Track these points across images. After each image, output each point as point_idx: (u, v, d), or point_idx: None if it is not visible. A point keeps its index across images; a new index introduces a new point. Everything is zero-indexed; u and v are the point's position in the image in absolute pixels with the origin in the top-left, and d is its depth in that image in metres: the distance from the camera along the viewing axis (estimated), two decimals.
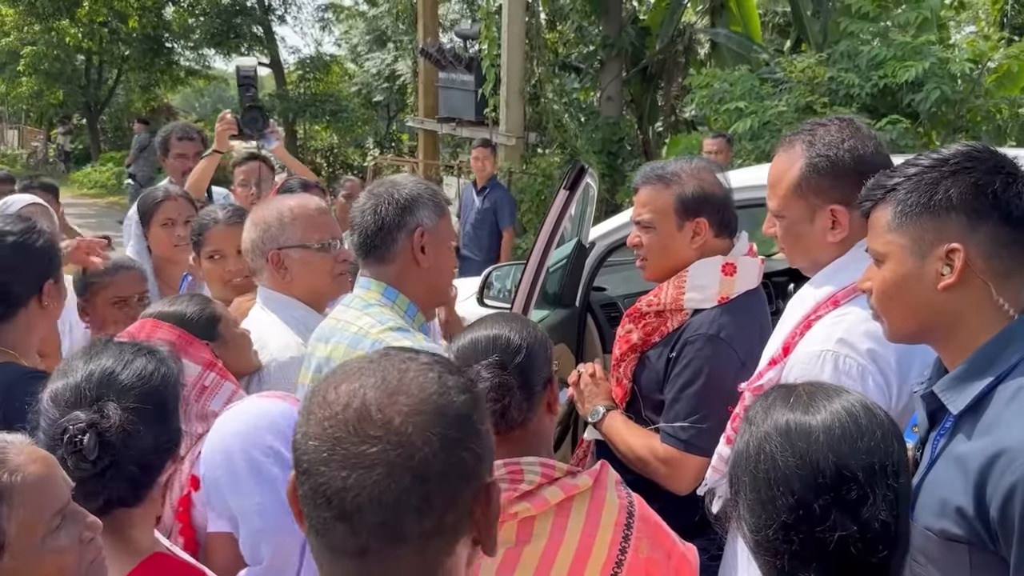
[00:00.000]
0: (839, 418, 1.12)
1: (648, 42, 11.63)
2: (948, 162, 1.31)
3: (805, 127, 1.81)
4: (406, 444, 0.84)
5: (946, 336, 1.35)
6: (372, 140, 21.71)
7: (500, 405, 1.46)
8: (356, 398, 0.86)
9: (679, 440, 2.02)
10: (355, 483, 0.83)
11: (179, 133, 4.18)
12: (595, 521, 1.46)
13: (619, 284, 3.87)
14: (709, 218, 2.09)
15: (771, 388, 1.26)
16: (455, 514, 0.87)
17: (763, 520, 1.12)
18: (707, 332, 2.03)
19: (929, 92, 6.83)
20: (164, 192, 3.28)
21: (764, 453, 1.13)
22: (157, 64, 21.14)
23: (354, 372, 0.90)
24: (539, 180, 9.69)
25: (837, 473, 1.08)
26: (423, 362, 0.91)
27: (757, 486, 1.13)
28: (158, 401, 1.42)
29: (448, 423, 0.86)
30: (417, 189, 1.94)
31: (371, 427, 0.84)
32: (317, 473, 0.85)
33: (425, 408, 0.86)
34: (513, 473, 1.46)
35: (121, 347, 1.48)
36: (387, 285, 1.91)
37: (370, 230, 1.90)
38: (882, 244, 1.37)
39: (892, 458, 1.11)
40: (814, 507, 1.08)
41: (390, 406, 0.85)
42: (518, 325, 1.57)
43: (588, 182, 2.95)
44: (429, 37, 12.39)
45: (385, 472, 0.83)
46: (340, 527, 0.84)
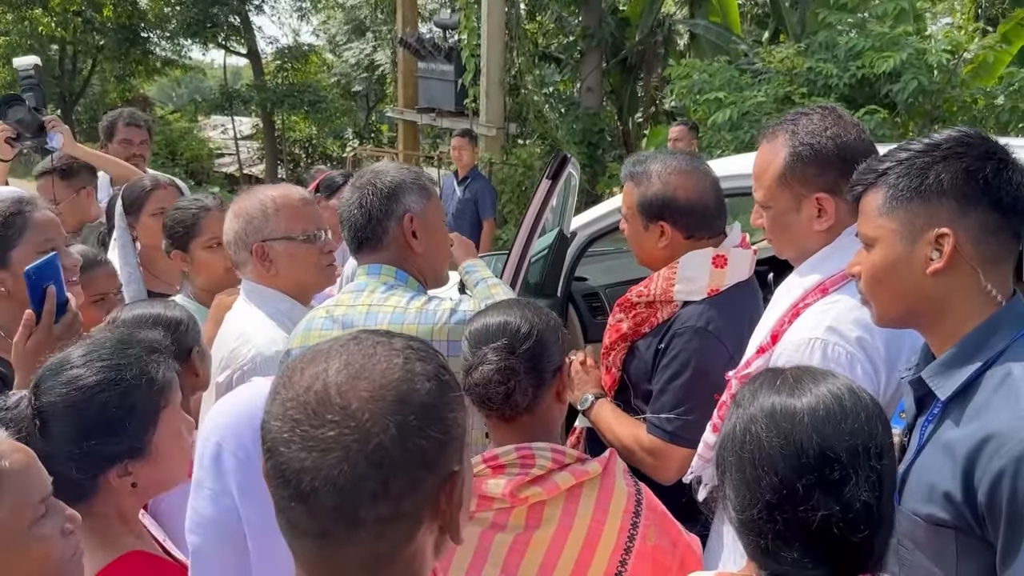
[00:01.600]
0: (824, 400, 1.13)
1: (628, 33, 11.64)
2: (940, 147, 1.31)
3: (788, 117, 1.81)
4: (362, 429, 0.84)
5: (934, 321, 1.35)
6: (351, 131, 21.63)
7: (505, 388, 1.47)
8: (318, 381, 0.87)
9: (664, 431, 2.01)
10: (312, 465, 0.84)
11: (127, 119, 4.09)
12: (604, 508, 1.47)
13: (600, 274, 3.86)
14: (672, 222, 2.08)
15: (759, 372, 1.26)
16: (414, 501, 0.87)
17: (748, 500, 1.12)
18: (695, 324, 2.02)
19: (906, 83, 6.87)
20: (152, 180, 3.20)
21: (750, 434, 1.14)
22: (133, 54, 20.83)
23: (322, 354, 0.90)
24: (519, 171, 9.68)
25: (820, 454, 1.09)
26: (393, 347, 0.91)
27: (742, 466, 1.14)
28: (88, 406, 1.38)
29: (408, 410, 0.86)
30: (400, 175, 1.93)
31: (329, 411, 0.85)
32: (278, 453, 0.86)
33: (385, 394, 0.86)
34: (524, 458, 1.47)
35: (94, 346, 1.46)
36: (396, 268, 1.93)
37: (359, 223, 1.90)
38: (872, 228, 1.37)
39: (875, 440, 1.11)
40: (797, 487, 1.09)
41: (350, 391, 0.86)
42: (530, 312, 1.58)
43: (570, 172, 2.94)
44: (408, 27, 12.33)
45: (341, 456, 0.83)
46: (299, 508, 0.86)
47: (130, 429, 1.40)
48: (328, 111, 19.11)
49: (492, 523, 1.47)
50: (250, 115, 21.93)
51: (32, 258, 1.88)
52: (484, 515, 1.47)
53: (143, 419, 1.42)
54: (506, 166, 9.85)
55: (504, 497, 1.45)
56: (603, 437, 2.14)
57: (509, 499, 1.45)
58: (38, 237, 1.97)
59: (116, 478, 1.40)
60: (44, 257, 1.81)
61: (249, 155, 21.13)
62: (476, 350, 1.53)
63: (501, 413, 1.51)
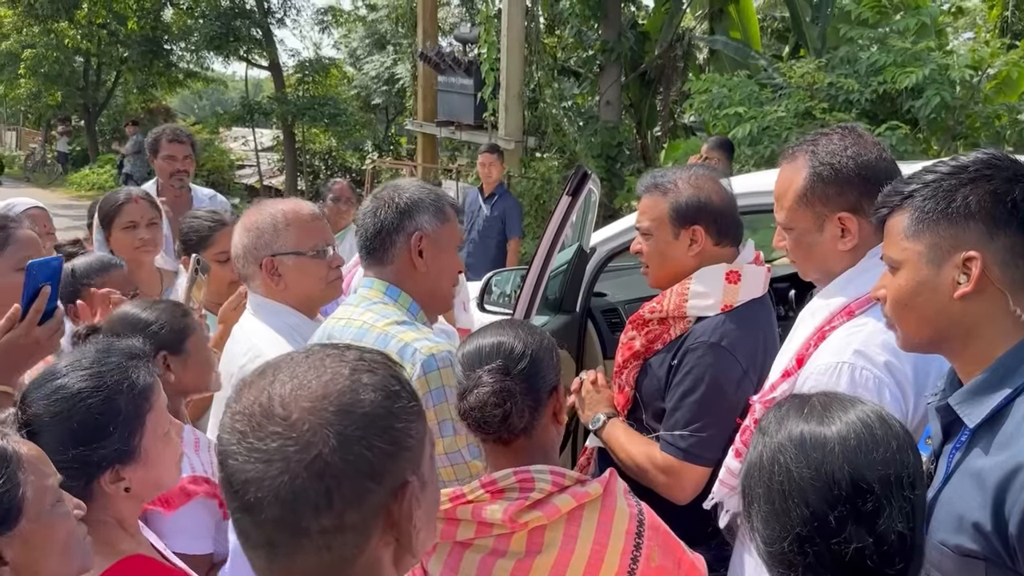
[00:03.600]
0: (854, 429, 1.10)
1: (647, 47, 11.64)
2: (967, 169, 1.29)
3: (807, 138, 1.80)
4: (303, 441, 0.85)
5: (961, 346, 1.32)
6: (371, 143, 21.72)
7: (501, 411, 1.44)
8: (263, 394, 0.88)
9: (678, 449, 1.99)
10: (255, 476, 0.85)
11: (170, 135, 4.19)
12: (606, 530, 1.44)
13: (620, 290, 3.85)
14: (705, 226, 2.07)
15: (784, 399, 1.24)
16: (360, 512, 0.87)
17: (777, 532, 1.10)
18: (709, 340, 2.00)
19: (929, 98, 6.82)
20: (126, 195, 3.21)
21: (778, 464, 1.11)
22: (156, 66, 21.10)
23: (272, 368, 0.92)
24: (538, 184, 9.68)
25: (852, 485, 1.07)
26: (344, 359, 0.92)
27: (771, 498, 1.11)
28: (72, 414, 1.42)
29: (350, 421, 0.87)
30: (419, 194, 1.95)
31: (272, 422, 0.86)
32: (226, 465, 0.88)
33: (327, 405, 0.87)
34: (523, 481, 1.44)
35: (77, 356, 1.50)
36: (389, 284, 1.94)
37: (369, 232, 1.94)
38: (898, 251, 1.35)
39: (908, 469, 1.09)
40: (829, 519, 1.06)
41: (292, 402, 0.87)
42: (524, 332, 1.55)
43: (590, 188, 2.93)
44: (428, 41, 12.39)
45: (282, 467, 0.84)
46: (246, 519, 0.88)
47: (116, 433, 1.44)
48: (348, 123, 19.20)
49: (492, 549, 1.44)
50: (271, 127, 22.11)
51: (9, 273, 1.93)
52: (484, 541, 1.44)
53: (128, 423, 1.46)
54: (524, 179, 9.86)
55: (504, 523, 1.42)
56: (615, 457, 2.12)
57: (509, 524, 1.42)
58: (19, 253, 1.99)
59: (109, 483, 1.44)
60: (52, 256, 1.82)
61: (269, 167, 21.27)
62: (470, 373, 1.50)
63: (498, 436, 1.49)
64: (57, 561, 1.25)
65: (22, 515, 1.19)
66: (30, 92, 21.71)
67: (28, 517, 1.20)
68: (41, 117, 25.00)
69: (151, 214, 3.13)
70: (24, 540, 1.20)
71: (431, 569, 1.48)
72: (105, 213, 3.14)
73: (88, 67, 22.10)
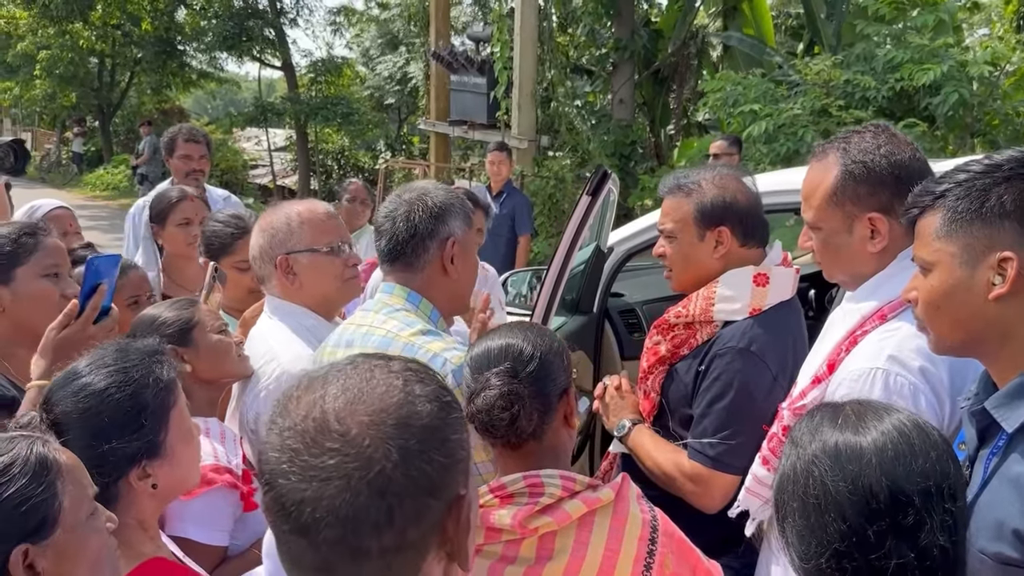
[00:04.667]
0: (891, 438, 1.07)
1: (660, 45, 11.60)
2: (1001, 168, 1.26)
3: (839, 136, 1.76)
4: (364, 456, 0.81)
5: (996, 349, 1.29)
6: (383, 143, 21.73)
7: (509, 414, 1.42)
8: (315, 408, 0.84)
9: (707, 457, 1.95)
10: (312, 496, 0.80)
11: (186, 135, 4.20)
12: (618, 536, 1.41)
13: (638, 290, 3.82)
14: (731, 227, 2.03)
15: (816, 407, 1.20)
16: (419, 529, 0.84)
17: (813, 547, 1.06)
18: (737, 345, 1.96)
19: (947, 95, 6.76)
20: (180, 192, 3.37)
21: (812, 477, 1.08)
22: (169, 66, 21.20)
23: (319, 380, 0.88)
24: (551, 183, 9.65)
25: (891, 497, 1.03)
26: (392, 370, 0.88)
27: (806, 512, 1.08)
28: (102, 410, 1.44)
29: (410, 434, 0.83)
30: (449, 198, 1.90)
31: (328, 439, 0.82)
32: (277, 485, 0.83)
33: (385, 419, 0.83)
34: (533, 486, 1.42)
35: (97, 356, 1.51)
36: (411, 290, 1.89)
37: (401, 237, 1.86)
38: (930, 252, 1.32)
39: (949, 480, 1.06)
40: (868, 534, 1.03)
41: (349, 416, 0.83)
42: (532, 334, 1.53)
43: (610, 187, 2.91)
44: (441, 40, 12.37)
45: (342, 485, 0.80)
46: (300, 541, 0.82)
47: (145, 426, 1.45)
48: (360, 123, 19.22)
49: (501, 556, 1.41)
50: (284, 127, 22.15)
51: (35, 280, 1.96)
52: (493, 548, 1.41)
53: (155, 416, 1.47)
54: (537, 178, 9.83)
55: (513, 528, 1.39)
56: (641, 464, 2.08)
57: (518, 530, 1.39)
58: (46, 260, 2.01)
59: (136, 480, 1.45)
60: (112, 254, 1.86)
61: (282, 166, 21.32)
62: (478, 375, 1.48)
63: (507, 440, 1.46)
64: (87, 574, 1.24)
65: (58, 525, 1.19)
66: (45, 93, 21.82)
67: (64, 527, 1.19)
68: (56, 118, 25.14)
69: (204, 212, 3.31)
70: (57, 551, 1.19)
71: None
72: (160, 210, 3.28)
73: (102, 68, 22.21)
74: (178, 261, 3.26)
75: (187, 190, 3.44)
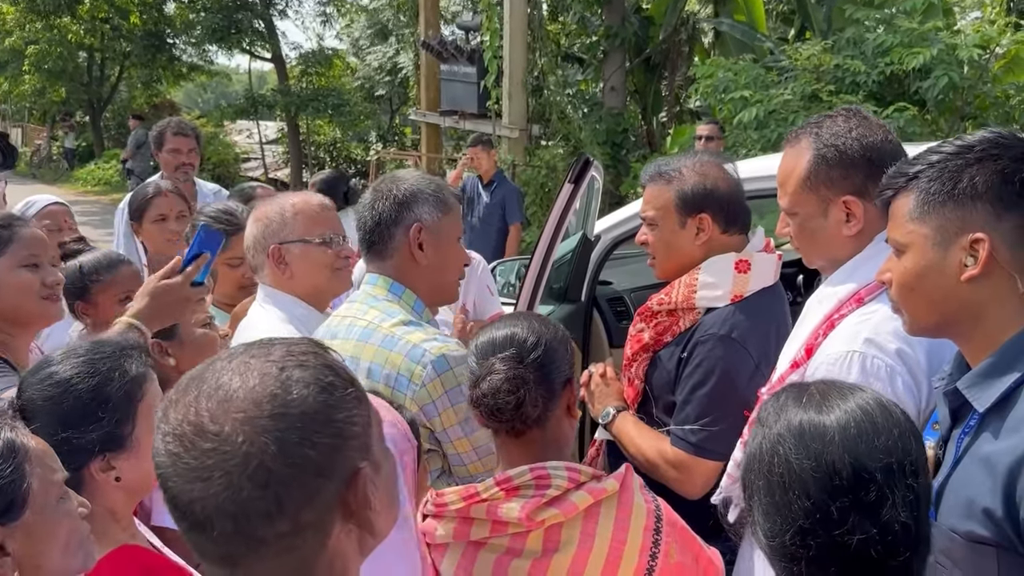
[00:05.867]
0: (854, 416, 1.08)
1: (651, 32, 11.53)
2: (973, 149, 1.26)
3: (811, 120, 1.77)
4: (240, 453, 0.83)
5: (969, 330, 1.30)
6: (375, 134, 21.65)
7: (515, 397, 1.43)
8: (191, 411, 0.86)
9: (689, 443, 1.96)
10: (199, 495, 0.83)
11: (174, 128, 4.18)
12: (624, 527, 1.42)
13: (625, 278, 3.82)
14: (712, 213, 2.03)
15: (782, 388, 1.21)
16: (315, 510, 0.86)
17: (779, 525, 1.07)
18: (719, 332, 1.97)
19: (937, 79, 6.74)
20: (155, 188, 3.31)
21: (777, 456, 1.09)
22: (159, 60, 21.10)
23: (195, 381, 0.89)
24: (543, 172, 9.63)
25: (854, 474, 1.04)
26: (270, 358, 0.89)
27: (771, 490, 1.09)
28: (64, 399, 1.45)
29: (287, 423, 0.84)
30: (418, 185, 1.94)
31: (205, 440, 0.84)
32: (168, 488, 0.86)
33: (259, 412, 0.84)
34: (540, 478, 1.42)
35: (72, 348, 1.54)
36: (393, 280, 1.92)
37: (368, 225, 1.93)
38: (903, 234, 1.33)
39: (911, 457, 1.07)
40: (831, 510, 1.04)
41: (223, 415, 0.84)
42: (537, 323, 1.55)
43: (593, 175, 2.90)
44: (430, 29, 12.33)
45: (225, 482, 0.83)
46: (199, 537, 0.86)
47: (105, 419, 1.45)
48: (352, 115, 19.17)
49: (507, 549, 1.42)
50: (275, 119, 22.09)
51: (12, 271, 2.01)
52: (499, 541, 1.42)
53: (118, 409, 1.47)
54: (529, 168, 9.81)
55: (520, 521, 1.40)
56: (625, 451, 2.10)
57: (526, 523, 1.40)
58: (23, 251, 2.04)
59: (98, 472, 1.45)
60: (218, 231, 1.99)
61: (274, 159, 21.26)
62: (483, 361, 1.49)
63: (511, 426, 1.47)
64: (59, 557, 1.25)
65: (26, 507, 1.20)
66: (34, 88, 21.72)
67: (33, 510, 1.21)
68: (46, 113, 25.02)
69: (180, 207, 3.25)
70: (27, 533, 1.20)
71: (444, 569, 1.46)
72: (136, 207, 3.24)
73: (92, 62, 22.10)
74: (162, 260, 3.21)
75: (162, 185, 3.38)
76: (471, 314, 3.44)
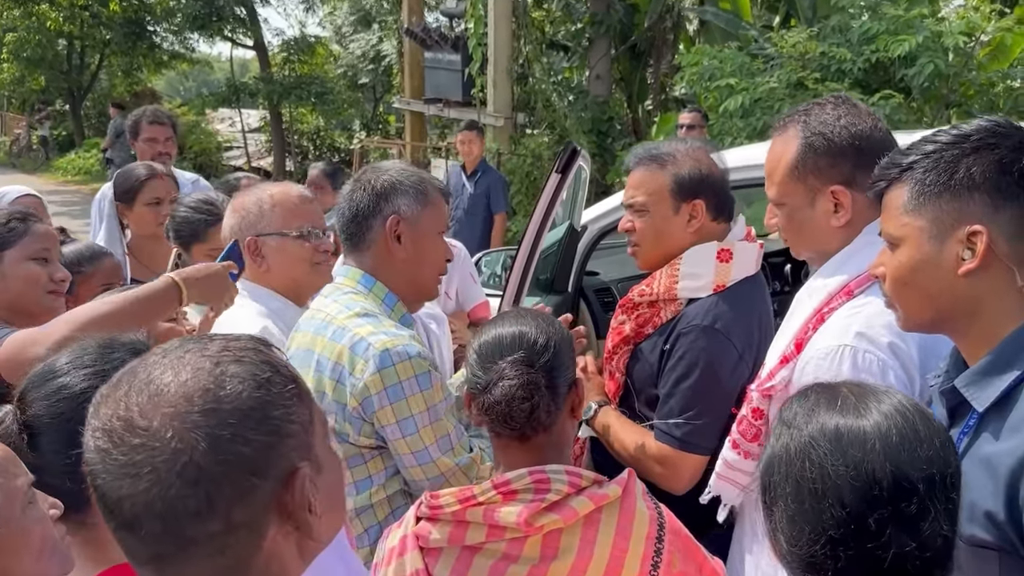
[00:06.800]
0: (895, 423, 1.02)
1: (637, 19, 11.48)
2: (970, 138, 1.23)
3: (799, 108, 1.73)
4: (169, 449, 0.81)
5: (966, 325, 1.27)
6: (359, 122, 21.50)
7: (529, 404, 1.38)
8: (120, 406, 0.84)
9: (674, 438, 1.92)
10: (127, 493, 0.81)
11: (150, 117, 4.09)
12: (626, 535, 1.37)
13: (613, 268, 3.79)
14: (706, 200, 1.99)
15: (808, 387, 1.15)
16: (248, 510, 0.84)
17: (806, 533, 1.02)
18: (702, 323, 1.93)
19: (923, 67, 6.73)
20: (149, 170, 3.22)
21: (809, 460, 1.03)
22: (139, 48, 20.84)
23: (127, 375, 0.87)
24: (528, 161, 9.57)
25: (895, 484, 0.99)
26: (206, 352, 0.87)
27: (800, 496, 1.03)
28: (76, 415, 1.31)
29: (218, 419, 0.82)
30: (398, 176, 1.90)
31: (133, 435, 0.82)
32: (97, 485, 0.84)
33: (189, 408, 0.82)
34: (539, 483, 1.37)
35: (77, 353, 1.42)
36: (364, 272, 1.89)
37: (346, 216, 1.90)
38: (897, 227, 1.29)
39: (951, 468, 1.01)
40: (868, 522, 0.98)
41: (152, 410, 0.82)
42: (544, 322, 1.49)
43: (580, 164, 2.86)
44: (414, 16, 12.21)
45: (153, 479, 0.80)
46: (128, 537, 0.84)
47: None
48: (335, 103, 19.04)
49: (504, 555, 1.36)
50: (257, 108, 21.89)
51: (22, 263, 2.09)
52: (495, 546, 1.37)
53: None
54: (515, 156, 9.75)
55: (519, 526, 1.34)
56: (609, 447, 2.06)
57: (524, 528, 1.34)
58: (35, 245, 2.11)
59: None
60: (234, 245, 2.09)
61: (257, 148, 21.07)
62: (490, 365, 1.42)
63: (521, 432, 1.41)
64: (33, 565, 1.18)
65: None
66: (13, 77, 21.42)
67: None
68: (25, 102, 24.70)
69: (174, 191, 3.20)
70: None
71: (437, 574, 1.40)
72: (127, 189, 3.15)
73: (71, 50, 21.82)
74: (146, 243, 3.13)
75: (156, 167, 3.30)
76: (454, 303, 3.40)
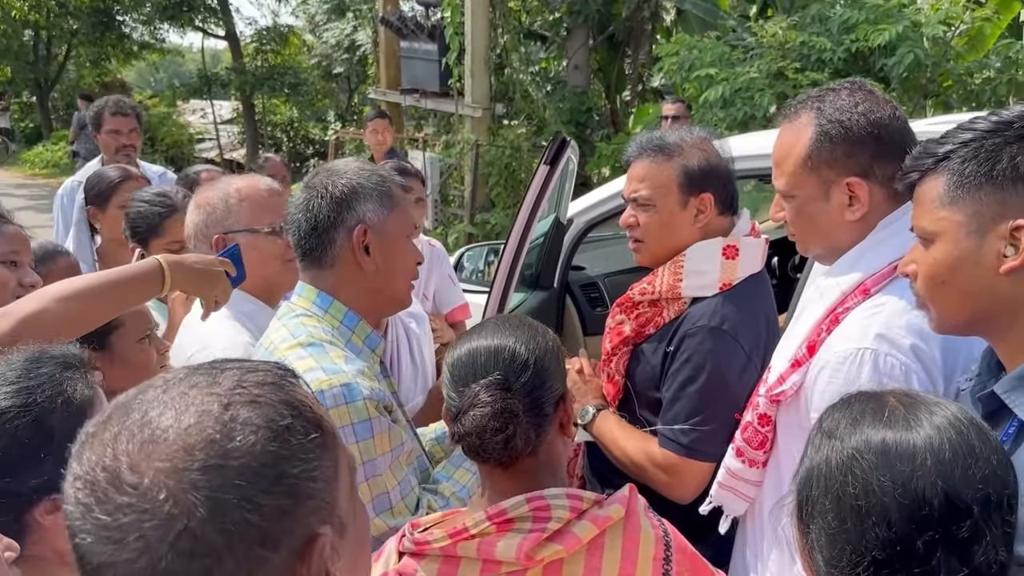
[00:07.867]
0: (948, 437, 0.94)
1: (614, 9, 11.39)
2: (1012, 126, 1.13)
3: (812, 95, 1.61)
4: (161, 514, 0.66)
5: (1006, 327, 1.18)
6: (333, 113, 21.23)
7: (503, 435, 1.23)
8: (107, 452, 0.69)
9: (680, 444, 1.83)
10: (110, 560, 0.67)
11: (112, 108, 3.94)
12: (632, 559, 1.25)
13: (599, 262, 3.70)
14: (715, 192, 1.89)
15: (851, 395, 1.06)
16: None
17: (848, 553, 0.94)
18: (708, 324, 1.83)
19: (903, 56, 6.71)
20: (122, 172, 3.15)
21: (853, 475, 0.94)
22: (108, 38, 20.43)
23: (120, 411, 0.72)
24: (507, 153, 9.46)
25: (947, 504, 0.91)
26: (214, 390, 0.72)
27: (842, 514, 0.94)
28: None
29: (224, 478, 0.68)
30: (359, 178, 1.66)
31: (120, 492, 0.67)
32: (77, 544, 0.70)
33: (189, 463, 0.68)
34: (538, 510, 1.24)
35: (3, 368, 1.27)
36: (319, 291, 1.67)
37: (303, 229, 1.65)
38: (932, 221, 1.19)
39: (1008, 490, 0.93)
40: (916, 544, 0.90)
41: (144, 462, 0.68)
42: (525, 334, 1.32)
43: (569, 156, 2.76)
44: (389, 5, 12.01)
45: (141, 549, 0.66)
46: None
47: (50, 459, 1.19)
48: (309, 94, 18.81)
49: None
50: (230, 99, 21.57)
51: None
52: None
53: (64, 445, 1.23)
54: (493, 148, 9.63)
55: (517, 560, 1.22)
56: (608, 453, 1.96)
57: (523, 562, 1.22)
58: (3, 247, 1.97)
59: (44, 515, 1.21)
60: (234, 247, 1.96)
61: (230, 140, 20.75)
62: (463, 389, 1.27)
63: (499, 461, 1.28)
64: None
65: None
66: None
67: None
68: None
69: None
70: None
71: None
72: (99, 192, 3.06)
73: (38, 40, 21.36)
74: (117, 247, 3.03)
75: (131, 170, 3.23)
76: (431, 304, 3.28)
